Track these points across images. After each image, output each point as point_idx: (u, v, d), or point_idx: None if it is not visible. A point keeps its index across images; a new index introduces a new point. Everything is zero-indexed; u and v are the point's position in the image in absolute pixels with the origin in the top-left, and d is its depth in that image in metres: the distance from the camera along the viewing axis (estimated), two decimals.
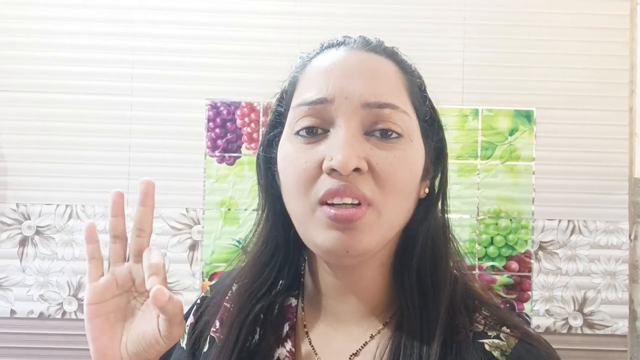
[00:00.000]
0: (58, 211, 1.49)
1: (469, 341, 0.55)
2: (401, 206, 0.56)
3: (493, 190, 1.50)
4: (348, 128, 0.53)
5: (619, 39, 1.51)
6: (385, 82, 0.56)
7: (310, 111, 0.54)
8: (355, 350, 0.58)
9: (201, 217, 1.50)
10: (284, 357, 0.60)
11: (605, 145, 1.50)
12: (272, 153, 0.61)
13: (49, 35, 1.51)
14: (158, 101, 1.51)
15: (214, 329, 0.65)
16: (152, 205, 0.57)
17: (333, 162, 0.51)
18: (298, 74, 0.60)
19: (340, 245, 0.53)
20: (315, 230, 0.54)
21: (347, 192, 0.52)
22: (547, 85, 1.51)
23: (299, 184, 0.54)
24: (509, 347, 0.54)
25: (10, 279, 1.49)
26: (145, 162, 1.50)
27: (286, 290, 0.64)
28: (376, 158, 0.53)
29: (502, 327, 0.56)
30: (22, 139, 1.50)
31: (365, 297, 0.60)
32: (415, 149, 0.56)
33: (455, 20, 1.52)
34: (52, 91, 1.50)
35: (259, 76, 1.50)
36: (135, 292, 0.58)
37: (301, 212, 0.55)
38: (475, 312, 0.58)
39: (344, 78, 0.54)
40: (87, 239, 0.58)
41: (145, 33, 1.52)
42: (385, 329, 0.59)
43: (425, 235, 0.59)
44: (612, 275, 1.49)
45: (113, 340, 0.55)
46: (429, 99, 0.62)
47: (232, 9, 1.52)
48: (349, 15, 1.51)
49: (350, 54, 0.57)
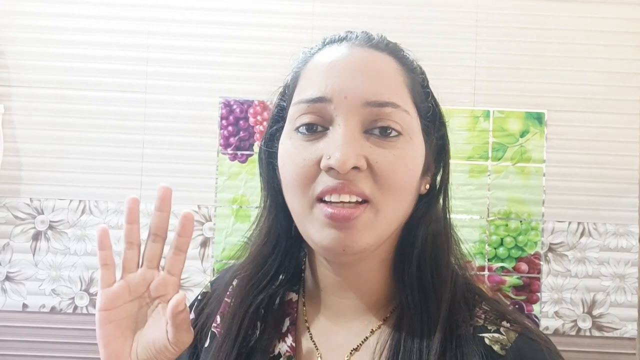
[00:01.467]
0: (71, 206, 1.50)
1: (469, 335, 0.55)
2: (400, 204, 0.55)
3: (503, 191, 1.51)
4: (347, 126, 0.52)
5: (630, 42, 1.52)
6: (387, 81, 0.55)
7: (309, 109, 0.54)
8: (356, 345, 0.58)
9: (213, 214, 1.51)
10: (285, 352, 0.60)
11: (616, 148, 1.50)
12: (273, 147, 0.61)
13: (64, 32, 1.53)
14: (172, 99, 1.52)
15: (214, 324, 0.65)
16: (168, 210, 0.56)
17: (331, 161, 0.51)
18: (300, 70, 0.59)
19: (337, 244, 0.53)
20: (312, 227, 0.54)
21: (345, 189, 0.52)
22: (559, 88, 1.52)
23: (298, 181, 0.54)
24: (509, 341, 0.54)
25: (22, 273, 1.50)
26: (158, 159, 1.51)
27: (287, 285, 0.64)
28: (375, 156, 0.53)
29: (502, 321, 0.56)
30: (36, 134, 1.51)
31: (366, 293, 0.60)
32: (414, 147, 0.56)
33: (467, 22, 1.53)
34: (67, 87, 1.52)
35: (272, 75, 1.48)
36: (148, 298, 0.57)
37: (299, 209, 0.55)
38: (475, 306, 0.58)
39: (344, 76, 0.54)
40: (100, 245, 0.57)
41: (160, 31, 1.53)
42: (386, 324, 0.59)
43: (425, 230, 0.59)
44: (622, 278, 1.49)
45: (124, 347, 0.55)
46: (432, 95, 0.61)
47: (247, 8, 1.54)
48: (361, 16, 1.52)
49: (351, 51, 0.56)
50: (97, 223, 1.49)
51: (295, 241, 0.63)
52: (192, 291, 1.48)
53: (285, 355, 0.60)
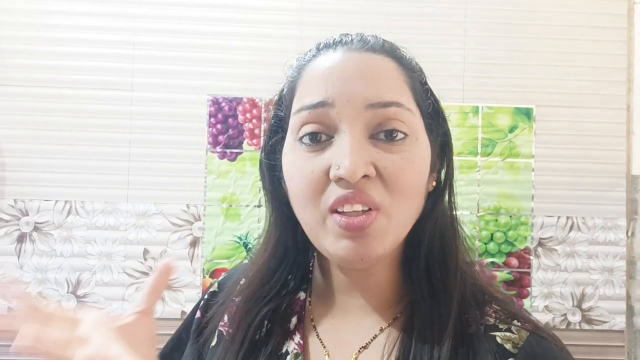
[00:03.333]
0: (57, 207, 1.48)
1: (480, 334, 0.55)
2: (410, 206, 0.55)
3: (493, 187, 1.51)
4: (352, 133, 0.52)
5: (617, 37, 1.53)
6: (388, 81, 0.55)
7: (311, 116, 0.53)
8: (365, 343, 0.58)
9: (202, 213, 1.49)
10: (293, 350, 0.59)
11: (604, 143, 1.52)
12: (275, 159, 0.60)
13: (48, 29, 1.50)
14: (159, 96, 1.50)
15: (222, 322, 0.65)
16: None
17: (340, 171, 0.50)
18: (296, 78, 0.58)
19: (353, 254, 0.53)
20: (327, 239, 0.54)
21: (357, 199, 0.51)
22: (547, 83, 1.52)
23: (307, 194, 0.53)
24: (520, 339, 0.54)
25: (7, 276, 1.47)
26: (145, 158, 1.49)
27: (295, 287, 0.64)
28: (383, 162, 0.52)
29: (513, 320, 0.56)
30: (20, 133, 1.48)
31: (376, 292, 0.60)
32: (421, 147, 0.56)
33: (455, 18, 1.53)
34: (52, 86, 1.49)
35: (261, 72, 1.50)
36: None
37: (312, 222, 0.55)
38: (485, 305, 0.58)
39: (344, 81, 0.53)
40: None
41: (147, 28, 1.51)
42: (395, 322, 0.58)
43: (433, 228, 0.59)
44: (610, 271, 1.51)
45: None
46: (431, 92, 0.61)
47: (234, 4, 1.52)
48: (350, 12, 1.52)
49: (348, 55, 0.55)
50: (83, 224, 1.46)
51: (302, 250, 0.63)
52: (182, 292, 1.47)
53: (292, 353, 0.59)
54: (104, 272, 1.46)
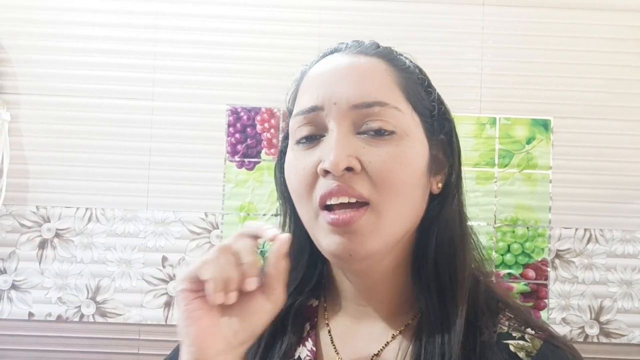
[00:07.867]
0: (78, 214, 1.50)
1: (492, 342, 0.55)
2: (403, 204, 0.55)
3: (510, 198, 1.51)
4: (339, 130, 0.54)
5: (634, 50, 1.53)
6: (372, 81, 0.56)
7: (305, 120, 0.56)
8: (377, 350, 0.58)
9: (220, 221, 1.50)
10: (305, 356, 0.60)
11: (622, 155, 1.51)
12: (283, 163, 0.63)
13: (71, 39, 1.53)
14: (179, 106, 1.52)
15: None
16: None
17: (325, 164, 0.52)
18: (298, 85, 0.61)
19: (342, 250, 0.53)
20: (319, 234, 0.55)
21: (342, 191, 0.52)
22: (565, 95, 1.52)
23: (301, 190, 0.55)
24: (534, 348, 0.54)
25: (28, 282, 1.49)
26: (165, 167, 1.51)
27: (309, 293, 0.65)
28: (368, 156, 0.53)
29: (527, 328, 0.56)
30: (43, 141, 1.51)
31: (385, 300, 0.60)
32: (412, 144, 0.55)
33: (473, 30, 1.54)
34: (74, 95, 1.52)
35: (279, 82, 1.50)
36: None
37: (307, 218, 0.56)
38: (499, 313, 0.58)
39: (331, 85, 0.55)
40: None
41: (168, 39, 1.53)
42: (407, 330, 0.58)
43: (440, 232, 0.58)
44: (629, 284, 1.50)
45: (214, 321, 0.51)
46: (436, 94, 0.61)
47: (253, 16, 1.54)
48: (368, 24, 1.53)
49: (339, 60, 0.57)
50: (103, 231, 1.49)
51: (316, 253, 0.63)
52: None
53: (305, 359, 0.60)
54: (123, 278, 1.48)
